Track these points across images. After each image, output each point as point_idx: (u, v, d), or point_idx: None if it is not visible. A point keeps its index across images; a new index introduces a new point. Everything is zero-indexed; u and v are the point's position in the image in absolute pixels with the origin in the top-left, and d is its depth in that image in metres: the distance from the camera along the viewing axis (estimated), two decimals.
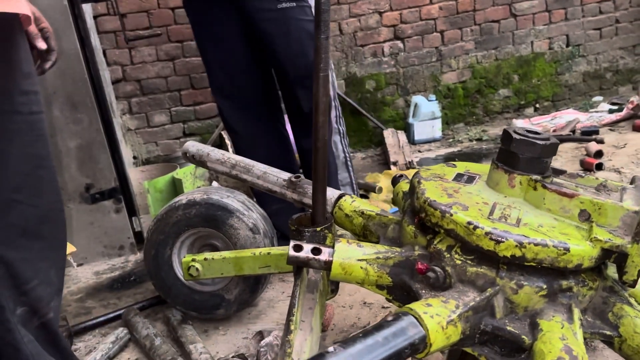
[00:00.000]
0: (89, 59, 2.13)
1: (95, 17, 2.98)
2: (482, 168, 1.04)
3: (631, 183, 0.95)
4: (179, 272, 1.60)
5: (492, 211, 0.85)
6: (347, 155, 1.91)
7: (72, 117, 2.12)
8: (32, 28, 1.04)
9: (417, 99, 3.59)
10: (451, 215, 0.84)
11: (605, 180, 0.92)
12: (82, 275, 2.17)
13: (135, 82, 3.16)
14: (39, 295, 1.02)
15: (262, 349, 1.45)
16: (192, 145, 1.46)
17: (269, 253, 1.46)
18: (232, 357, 1.42)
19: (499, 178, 0.91)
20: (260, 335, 1.55)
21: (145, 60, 3.14)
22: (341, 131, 1.90)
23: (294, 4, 1.62)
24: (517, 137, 0.88)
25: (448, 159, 3.25)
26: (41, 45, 1.06)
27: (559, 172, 0.95)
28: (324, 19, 0.90)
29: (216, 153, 1.38)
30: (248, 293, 1.63)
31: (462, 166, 1.05)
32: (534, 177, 0.88)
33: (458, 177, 0.98)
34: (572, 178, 0.94)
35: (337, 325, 1.61)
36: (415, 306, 0.77)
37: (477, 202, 0.88)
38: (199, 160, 1.42)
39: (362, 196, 2.35)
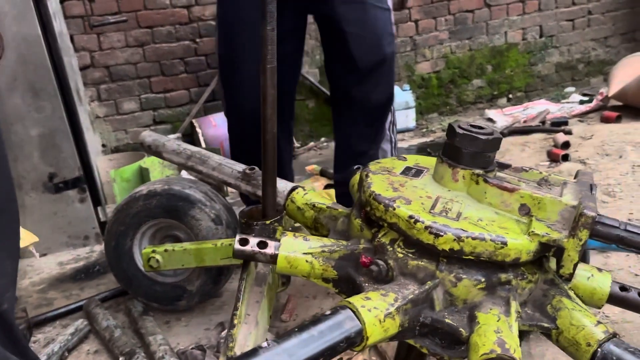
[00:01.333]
0: (52, 45, 2.09)
1: (62, 1, 2.91)
2: (431, 162, 1.04)
3: (575, 177, 0.96)
4: (140, 263, 1.59)
5: (434, 205, 0.86)
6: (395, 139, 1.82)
7: (35, 104, 2.08)
8: None
9: None
10: (394, 209, 0.85)
11: (548, 175, 0.94)
12: (45, 265, 2.14)
13: (104, 68, 3.11)
14: None
15: (222, 340, 1.45)
16: (149, 136, 1.45)
17: (230, 244, 1.46)
18: (192, 348, 1.42)
19: (444, 172, 0.92)
20: (222, 326, 1.55)
21: (114, 46, 3.09)
22: (393, 140, 1.80)
23: None
24: (461, 131, 0.89)
25: (421, 149, 3.27)
26: None
27: (503, 166, 0.96)
28: (270, 10, 0.89)
29: (172, 144, 1.36)
30: (210, 284, 1.63)
31: (412, 159, 1.05)
32: (477, 171, 0.89)
33: (406, 171, 0.99)
34: (517, 172, 0.95)
35: (299, 315, 1.62)
36: (354, 300, 0.77)
37: (421, 196, 0.89)
38: (155, 151, 1.40)
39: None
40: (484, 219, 0.84)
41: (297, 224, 1.23)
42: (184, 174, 2.65)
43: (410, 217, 0.83)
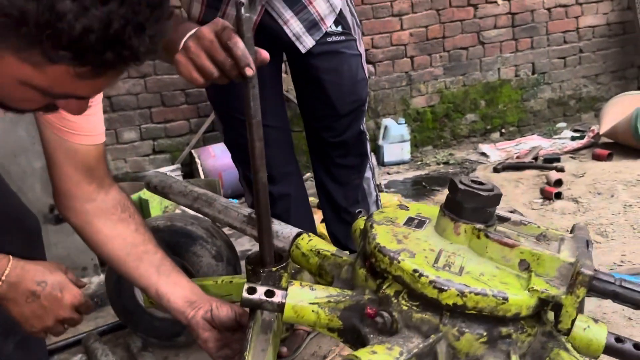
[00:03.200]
0: None
1: None
2: (433, 211, 1.08)
3: (571, 232, 1.00)
4: (140, 298, 1.61)
5: (438, 259, 0.89)
6: (377, 194, 1.86)
7: (38, 137, 2.10)
8: None
9: (387, 121, 3.66)
10: (399, 262, 0.88)
11: (547, 229, 0.97)
12: None
13: (106, 98, 3.15)
14: None
15: None
16: (155, 176, 1.48)
17: (231, 281, 1.48)
18: None
19: (446, 225, 0.95)
20: None
21: None
22: (372, 168, 1.84)
23: (343, 37, 1.55)
24: (462, 187, 0.92)
25: (416, 182, 3.32)
26: None
27: (503, 220, 0.99)
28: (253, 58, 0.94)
29: (179, 185, 1.39)
30: None
31: (414, 209, 1.09)
32: (478, 226, 0.92)
33: (409, 222, 1.02)
34: (516, 225, 0.99)
35: (297, 356, 1.63)
36: (361, 354, 0.80)
37: (424, 249, 0.92)
38: (161, 192, 1.43)
39: None
40: (486, 273, 0.87)
41: (296, 268, 1.26)
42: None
43: (415, 270, 0.85)
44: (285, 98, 2.28)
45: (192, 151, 3.24)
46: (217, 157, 3.14)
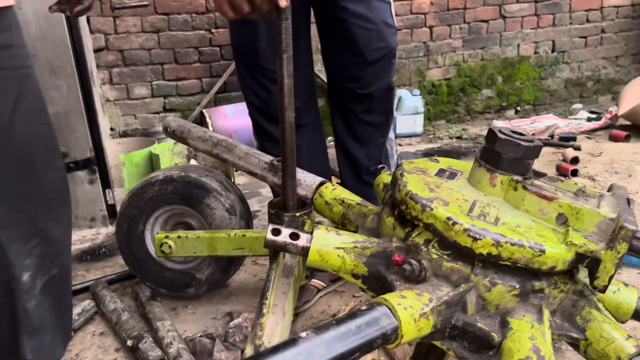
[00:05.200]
0: (72, 25, 2.07)
1: None
2: (464, 165, 1.04)
3: (609, 191, 0.96)
4: (151, 248, 1.59)
5: (472, 208, 0.86)
6: (399, 157, 1.80)
7: (51, 82, 2.06)
8: None
9: (401, 92, 3.60)
10: (431, 209, 0.84)
11: (584, 186, 0.94)
12: None
13: (118, 52, 3.09)
14: (41, 253, 1.00)
15: (230, 330, 1.45)
16: (174, 121, 1.44)
17: (244, 235, 1.45)
18: (200, 336, 1.41)
19: (481, 176, 0.92)
20: (230, 316, 1.54)
21: (130, 31, 3.07)
22: (394, 130, 1.79)
23: None
24: (502, 136, 0.88)
25: (427, 154, 3.27)
26: None
27: (539, 175, 0.96)
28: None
29: (198, 130, 1.35)
30: (220, 274, 1.62)
31: (444, 162, 1.05)
32: (515, 177, 0.89)
33: (440, 173, 0.99)
34: (552, 181, 0.95)
35: (306, 311, 1.61)
36: (390, 297, 0.77)
37: (458, 199, 0.88)
38: (179, 137, 1.39)
39: None
40: (522, 225, 0.84)
41: (318, 219, 1.23)
42: (193, 162, 2.64)
43: (449, 218, 0.82)
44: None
45: (203, 111, 3.19)
46: (228, 118, 3.09)
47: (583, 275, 0.92)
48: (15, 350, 1.00)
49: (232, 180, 2.58)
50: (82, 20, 2.80)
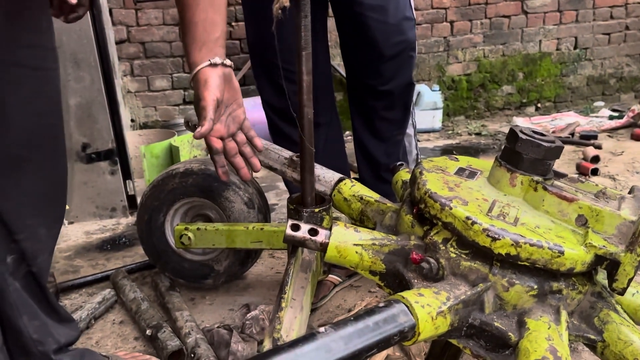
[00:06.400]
0: (96, 16, 2.10)
1: None
2: (484, 164, 1.04)
3: (630, 192, 0.96)
4: (171, 239, 1.61)
5: (491, 208, 0.86)
6: (418, 153, 1.78)
7: (74, 74, 2.10)
8: None
9: (420, 87, 3.58)
10: (450, 208, 0.85)
11: (605, 188, 0.93)
12: (72, 233, 2.17)
13: (139, 44, 3.12)
14: (25, 248, 1.03)
15: (247, 322, 1.46)
16: (195, 115, 1.45)
17: (262, 228, 1.47)
18: (218, 327, 1.44)
19: (501, 176, 0.92)
20: (247, 308, 1.56)
21: (151, 23, 3.10)
22: (415, 125, 1.75)
23: None
24: (523, 137, 0.88)
25: (446, 151, 3.26)
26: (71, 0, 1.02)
27: (560, 175, 0.95)
28: None
29: None
30: (237, 266, 1.64)
31: (464, 160, 1.05)
32: (536, 178, 0.89)
33: (460, 172, 0.99)
34: (573, 182, 0.95)
35: (322, 305, 1.63)
36: (408, 295, 0.78)
37: (477, 198, 0.89)
38: None
39: None
40: (541, 226, 0.84)
41: (335, 215, 1.23)
42: None
43: (468, 218, 0.83)
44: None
45: None
46: (246, 111, 3.10)
47: (602, 277, 0.91)
48: (19, 332, 1.03)
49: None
50: (105, 12, 2.83)
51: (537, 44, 3.85)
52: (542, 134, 0.91)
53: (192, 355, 1.33)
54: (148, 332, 1.44)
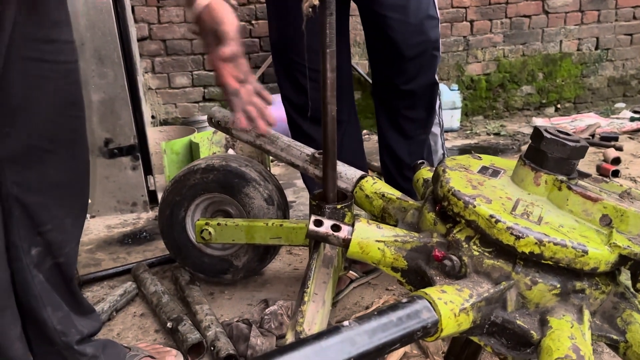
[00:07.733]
0: (120, 14, 2.13)
1: None
2: (507, 163, 1.04)
3: None
4: (192, 234, 1.63)
5: (515, 207, 0.86)
6: (445, 152, 1.76)
7: (98, 70, 2.13)
8: None
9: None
10: (474, 206, 0.85)
11: (630, 188, 0.93)
12: (94, 227, 2.21)
13: (161, 41, 3.16)
14: (52, 239, 1.05)
15: (266, 317, 1.48)
16: (219, 111, 1.47)
17: (281, 225, 1.49)
18: (237, 321, 1.45)
19: (525, 175, 0.92)
20: (265, 303, 1.58)
21: (173, 21, 3.13)
22: (442, 124, 1.73)
23: None
24: (548, 136, 0.88)
25: (464, 150, 3.25)
26: None
27: (584, 175, 0.95)
28: None
29: None
30: (256, 262, 1.66)
31: (487, 159, 1.05)
32: (560, 177, 0.89)
33: (483, 170, 0.99)
34: (597, 182, 0.95)
35: (340, 302, 1.64)
36: (431, 291, 0.78)
37: (501, 197, 0.89)
38: (224, 127, 1.43)
39: None
40: (565, 225, 0.84)
41: (356, 212, 1.24)
42: (231, 151, 2.68)
43: (491, 216, 0.83)
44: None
45: None
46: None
47: (625, 277, 0.91)
48: (42, 323, 1.06)
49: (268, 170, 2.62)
50: (128, 9, 2.87)
51: (558, 44, 3.82)
52: (567, 134, 0.91)
53: (212, 348, 1.35)
54: (169, 324, 1.46)
